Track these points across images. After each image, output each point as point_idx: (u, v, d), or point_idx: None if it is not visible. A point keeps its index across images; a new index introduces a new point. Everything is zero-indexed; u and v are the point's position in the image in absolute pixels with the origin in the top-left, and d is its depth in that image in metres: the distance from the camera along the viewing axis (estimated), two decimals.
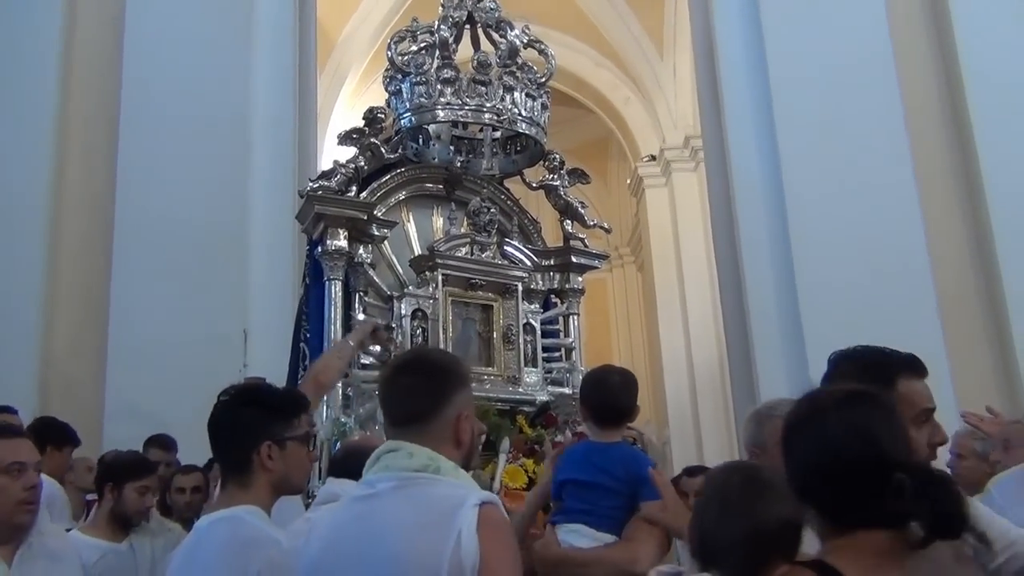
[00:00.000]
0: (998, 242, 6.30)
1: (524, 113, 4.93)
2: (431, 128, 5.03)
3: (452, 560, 1.75)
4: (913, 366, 1.93)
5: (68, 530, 3.83)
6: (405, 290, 4.72)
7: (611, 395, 2.73)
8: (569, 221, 5.34)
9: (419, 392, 2.01)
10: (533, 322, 4.99)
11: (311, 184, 4.64)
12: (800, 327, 6.31)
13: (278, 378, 5.23)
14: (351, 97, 11.80)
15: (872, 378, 1.80)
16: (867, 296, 6.16)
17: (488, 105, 4.82)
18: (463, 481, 1.94)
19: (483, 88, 4.83)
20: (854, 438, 1.46)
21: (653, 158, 12.56)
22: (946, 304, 6.22)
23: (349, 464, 2.67)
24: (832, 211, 6.52)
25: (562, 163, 5.36)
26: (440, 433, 1.97)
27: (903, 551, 1.45)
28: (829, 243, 6.48)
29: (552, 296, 5.35)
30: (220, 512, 2.20)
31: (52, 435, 4.38)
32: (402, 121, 4.89)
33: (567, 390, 4.99)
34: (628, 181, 13.67)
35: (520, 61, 5.03)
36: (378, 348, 4.63)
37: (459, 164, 5.12)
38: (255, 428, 2.22)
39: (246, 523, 2.12)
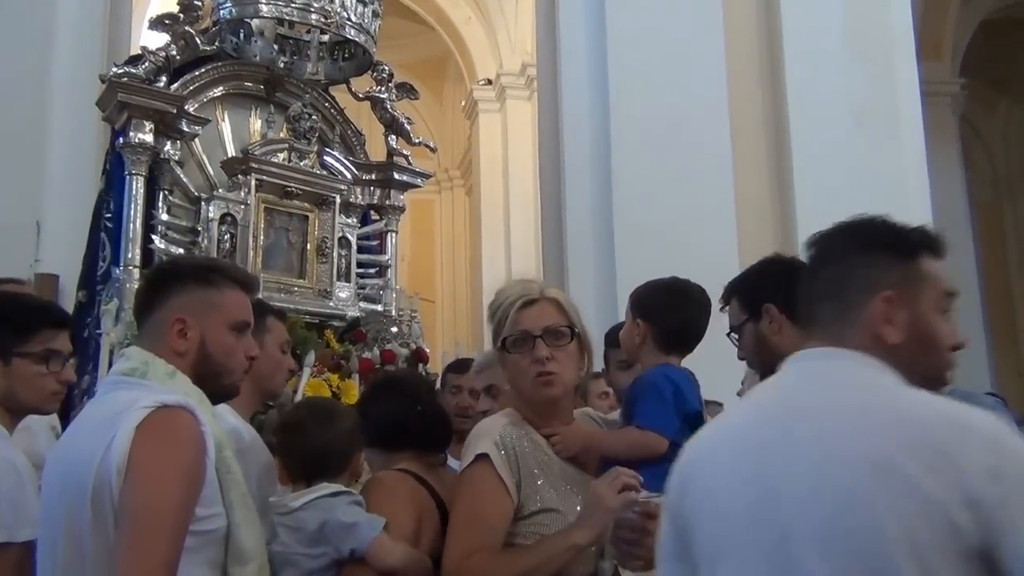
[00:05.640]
0: (796, 181, 6.69)
1: (354, 19, 4.75)
2: (254, 23, 4.76)
3: (102, 463, 1.60)
4: (934, 246, 1.46)
5: None
6: (215, 192, 4.51)
7: (695, 313, 2.24)
8: (394, 136, 5.24)
9: (139, 294, 1.96)
10: (349, 236, 4.90)
11: (115, 69, 4.30)
12: (613, 260, 6.52)
13: (72, 275, 4.91)
14: None
15: (894, 253, 1.43)
16: (678, 235, 6.42)
17: (316, 5, 4.61)
18: (169, 386, 1.76)
19: None
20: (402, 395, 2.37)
21: (489, 82, 12.47)
22: (746, 251, 6.57)
23: None
24: (654, 152, 6.70)
25: (391, 75, 5.23)
26: (155, 336, 1.85)
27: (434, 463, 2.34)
28: (647, 182, 6.67)
29: (371, 211, 5.26)
30: None
31: None
32: (222, 11, 4.60)
33: (379, 307, 4.96)
34: (463, 103, 13.55)
35: None
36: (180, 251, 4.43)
37: (282, 65, 4.89)
38: None
39: None
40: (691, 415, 2.10)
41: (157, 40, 4.54)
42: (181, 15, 4.51)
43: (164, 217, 4.41)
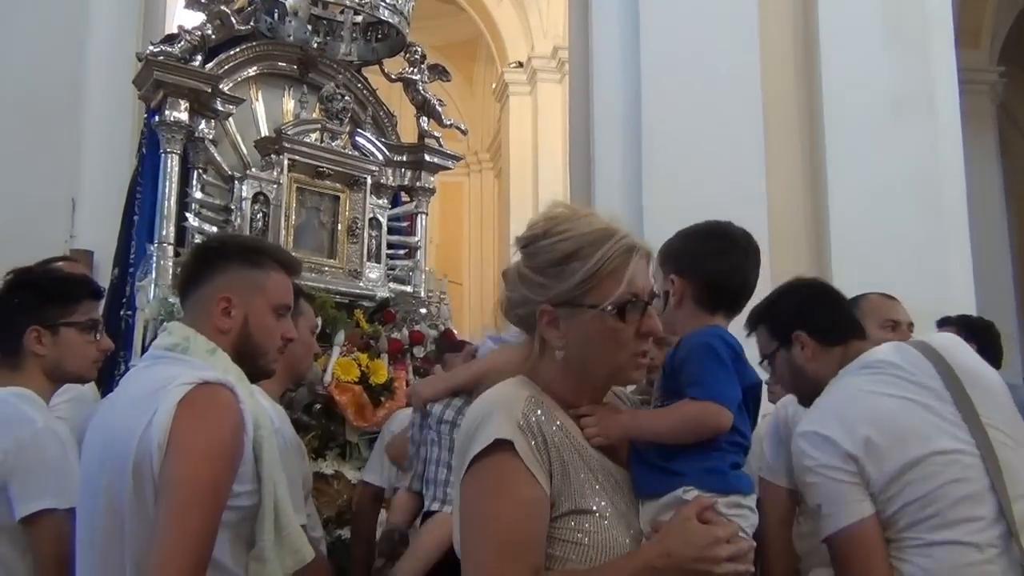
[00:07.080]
0: (829, 170, 6.63)
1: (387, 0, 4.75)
2: (288, 3, 4.77)
3: (143, 438, 1.61)
4: None
5: None
6: (248, 171, 4.54)
7: (742, 260, 1.84)
8: (425, 118, 5.25)
9: (184, 270, 1.98)
10: (380, 217, 4.93)
11: (151, 48, 4.34)
12: None
13: (107, 251, 4.98)
14: None
15: None
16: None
17: None
18: (210, 363, 1.77)
19: None
20: None
21: (520, 65, 12.43)
22: (777, 240, 6.53)
23: None
24: (685, 138, 6.66)
25: (423, 57, 5.23)
26: (198, 313, 1.88)
27: None
28: (678, 168, 6.63)
29: (402, 193, 5.28)
30: None
31: None
32: None
33: (408, 288, 4.99)
34: (494, 86, 13.52)
35: None
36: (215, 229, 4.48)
37: (316, 45, 4.91)
38: (23, 313, 2.18)
39: (6, 403, 2.08)
40: (750, 388, 1.66)
41: (193, 19, 4.58)
42: None
43: (198, 195, 4.45)
